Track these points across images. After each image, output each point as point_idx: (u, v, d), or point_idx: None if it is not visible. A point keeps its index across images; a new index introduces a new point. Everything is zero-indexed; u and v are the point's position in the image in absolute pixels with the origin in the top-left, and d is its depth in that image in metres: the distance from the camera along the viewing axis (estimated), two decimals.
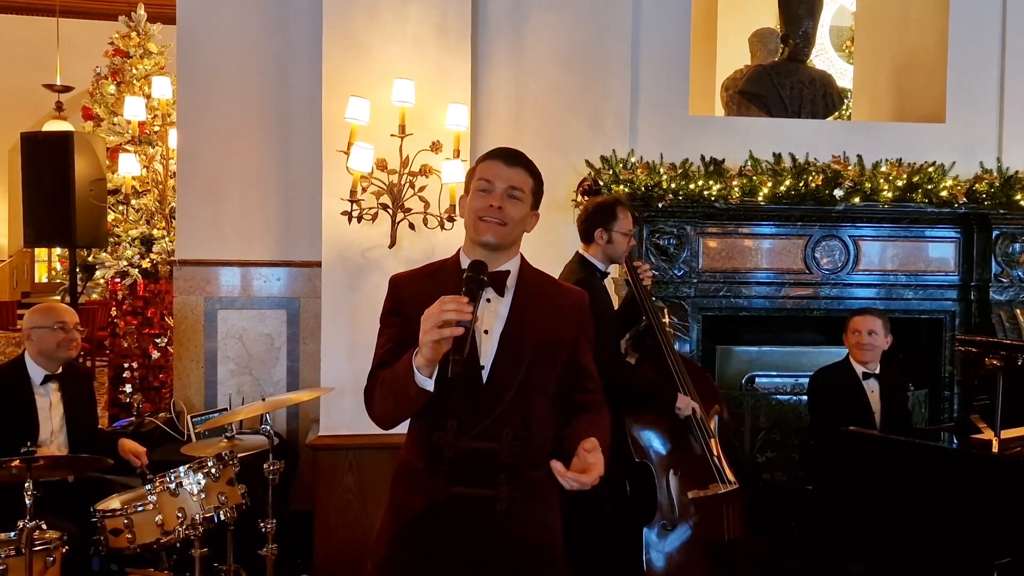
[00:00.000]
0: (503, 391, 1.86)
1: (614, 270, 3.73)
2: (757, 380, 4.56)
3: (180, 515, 3.09)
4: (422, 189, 3.91)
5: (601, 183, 4.06)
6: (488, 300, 1.88)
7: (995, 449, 3.16)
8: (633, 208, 3.71)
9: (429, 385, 1.74)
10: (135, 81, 6.60)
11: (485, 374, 1.86)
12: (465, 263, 1.92)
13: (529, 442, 1.89)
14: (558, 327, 1.93)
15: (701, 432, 3.26)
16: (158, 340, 5.95)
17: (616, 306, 3.51)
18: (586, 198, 3.65)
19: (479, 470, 1.85)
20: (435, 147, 3.88)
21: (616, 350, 3.30)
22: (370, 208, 3.87)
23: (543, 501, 1.94)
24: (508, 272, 1.92)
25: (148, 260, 5.98)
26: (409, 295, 1.91)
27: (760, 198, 4.29)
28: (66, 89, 10.59)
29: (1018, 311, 4.48)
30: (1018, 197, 4.41)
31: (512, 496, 1.86)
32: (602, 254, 3.31)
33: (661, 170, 4.25)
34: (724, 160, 4.33)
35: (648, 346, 3.42)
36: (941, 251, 4.58)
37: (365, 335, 3.89)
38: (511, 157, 1.94)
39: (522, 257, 1.99)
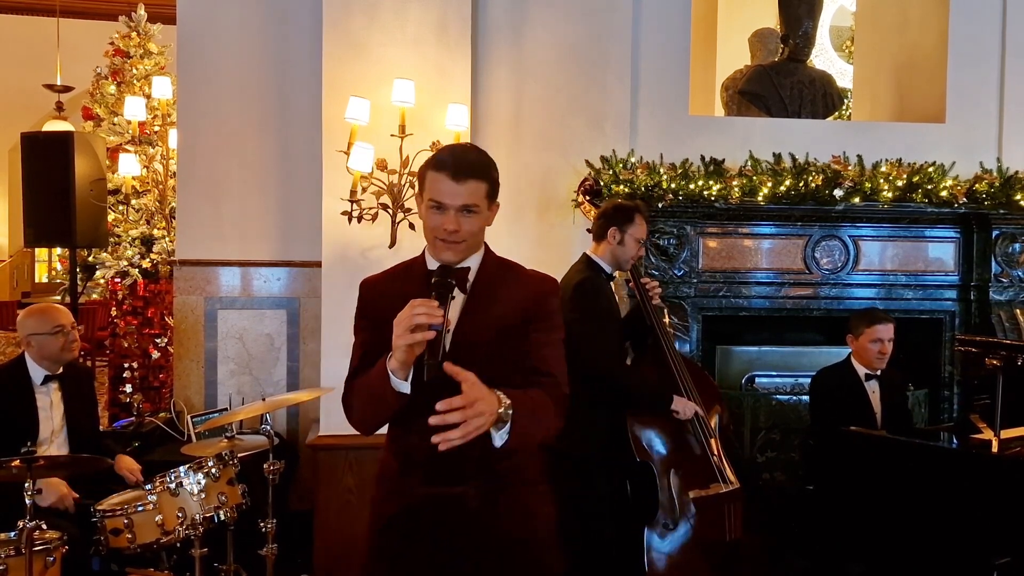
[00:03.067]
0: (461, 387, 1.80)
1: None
2: (757, 380, 4.56)
3: (180, 515, 3.09)
4: None
5: (601, 183, 4.07)
6: (453, 297, 1.85)
7: (995, 449, 3.17)
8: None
9: (405, 388, 1.74)
10: (135, 81, 6.60)
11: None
12: (431, 264, 1.90)
13: None
14: (516, 316, 1.88)
15: (702, 432, 3.26)
16: (158, 340, 5.95)
17: (621, 311, 3.50)
18: (587, 198, 3.65)
19: (448, 468, 1.83)
20: (435, 147, 3.88)
21: (615, 349, 3.29)
22: (370, 208, 3.88)
23: (519, 490, 1.91)
24: (469, 268, 1.89)
25: (148, 260, 5.98)
26: (377, 298, 1.90)
27: (760, 198, 4.29)
28: (66, 89, 10.58)
29: (1018, 311, 4.48)
30: (1018, 197, 4.41)
31: (484, 491, 1.85)
32: (610, 256, 3.30)
33: (661, 170, 4.25)
34: (724, 160, 4.33)
35: (650, 346, 3.42)
36: (941, 251, 4.58)
37: None
38: (459, 171, 1.81)
39: (486, 248, 1.96)
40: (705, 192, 4.23)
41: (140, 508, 3.08)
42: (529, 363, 1.89)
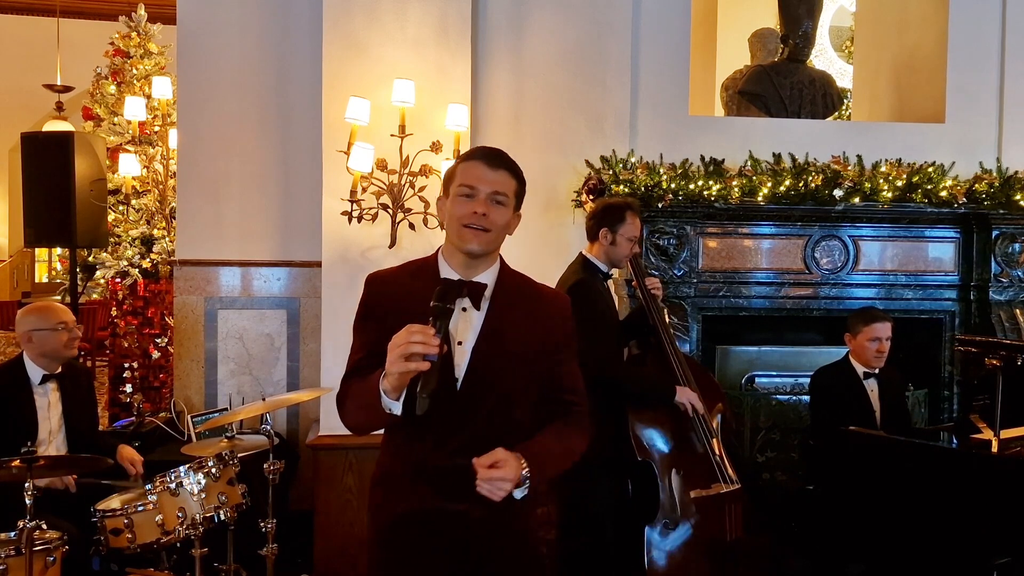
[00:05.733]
0: (478, 405, 1.82)
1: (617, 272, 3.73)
2: (757, 380, 4.56)
3: (180, 515, 3.09)
4: (422, 189, 3.91)
5: (605, 182, 4.06)
6: (464, 309, 1.82)
7: (994, 449, 3.17)
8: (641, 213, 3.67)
9: (397, 409, 1.71)
10: (135, 81, 6.59)
11: (459, 386, 1.82)
12: (444, 267, 1.88)
13: None
14: (538, 336, 1.88)
15: (703, 431, 3.26)
16: (158, 340, 5.95)
17: (621, 311, 3.50)
18: (591, 197, 3.64)
19: (456, 484, 1.80)
20: (435, 147, 3.88)
21: (614, 350, 3.29)
22: (370, 208, 3.88)
23: (520, 513, 1.89)
24: (485, 285, 1.86)
25: (148, 260, 5.97)
26: (385, 295, 1.87)
27: (760, 198, 4.29)
28: (66, 89, 10.58)
29: (1017, 311, 4.48)
30: (1017, 197, 4.41)
31: (489, 511, 1.81)
32: (604, 255, 3.30)
33: (661, 170, 4.25)
34: (724, 160, 4.34)
35: (652, 345, 3.42)
36: (941, 251, 4.58)
37: None
38: (494, 159, 1.87)
39: (502, 262, 1.94)
40: (705, 192, 4.24)
41: (140, 508, 3.07)
42: (556, 384, 1.94)
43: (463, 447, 1.80)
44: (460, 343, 1.82)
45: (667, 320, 3.60)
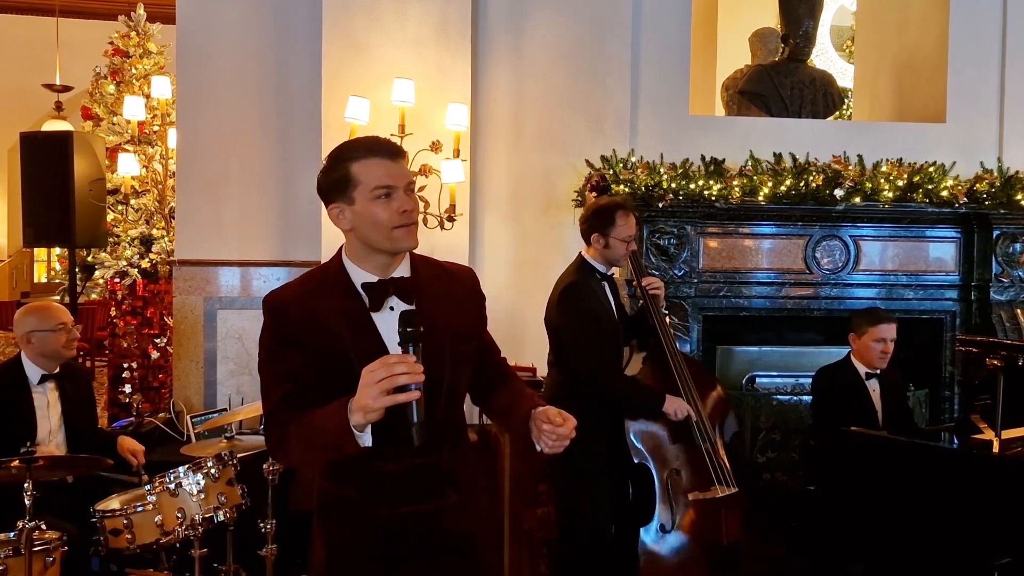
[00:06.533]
0: (430, 404, 1.72)
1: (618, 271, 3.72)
2: (757, 380, 4.55)
3: (180, 515, 3.09)
4: (422, 189, 3.90)
5: (608, 180, 4.04)
6: (392, 308, 1.74)
7: (996, 449, 3.16)
8: (635, 210, 3.66)
9: (368, 441, 1.62)
10: (135, 81, 6.59)
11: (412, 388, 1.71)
12: (355, 272, 1.79)
13: (460, 439, 1.88)
14: (465, 316, 1.87)
15: (702, 434, 3.25)
16: (157, 340, 5.94)
17: (618, 311, 3.48)
18: (594, 195, 3.62)
19: (423, 484, 1.78)
20: (435, 147, 3.88)
21: (608, 353, 3.26)
22: None
23: (475, 488, 1.93)
24: (412, 279, 1.80)
25: (147, 260, 5.97)
26: (298, 320, 1.74)
27: (760, 198, 4.29)
28: (65, 89, 10.57)
29: (1018, 311, 4.48)
30: (1018, 197, 4.41)
31: (453, 502, 1.82)
32: (601, 257, 3.29)
33: (661, 170, 4.24)
34: (724, 160, 4.33)
35: (652, 346, 3.41)
36: (941, 251, 4.57)
37: None
38: (393, 151, 1.76)
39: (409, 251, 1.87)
40: (705, 192, 4.23)
41: (139, 508, 3.07)
42: (487, 351, 2.01)
43: (422, 448, 1.71)
44: (400, 345, 1.71)
45: (667, 320, 3.58)
